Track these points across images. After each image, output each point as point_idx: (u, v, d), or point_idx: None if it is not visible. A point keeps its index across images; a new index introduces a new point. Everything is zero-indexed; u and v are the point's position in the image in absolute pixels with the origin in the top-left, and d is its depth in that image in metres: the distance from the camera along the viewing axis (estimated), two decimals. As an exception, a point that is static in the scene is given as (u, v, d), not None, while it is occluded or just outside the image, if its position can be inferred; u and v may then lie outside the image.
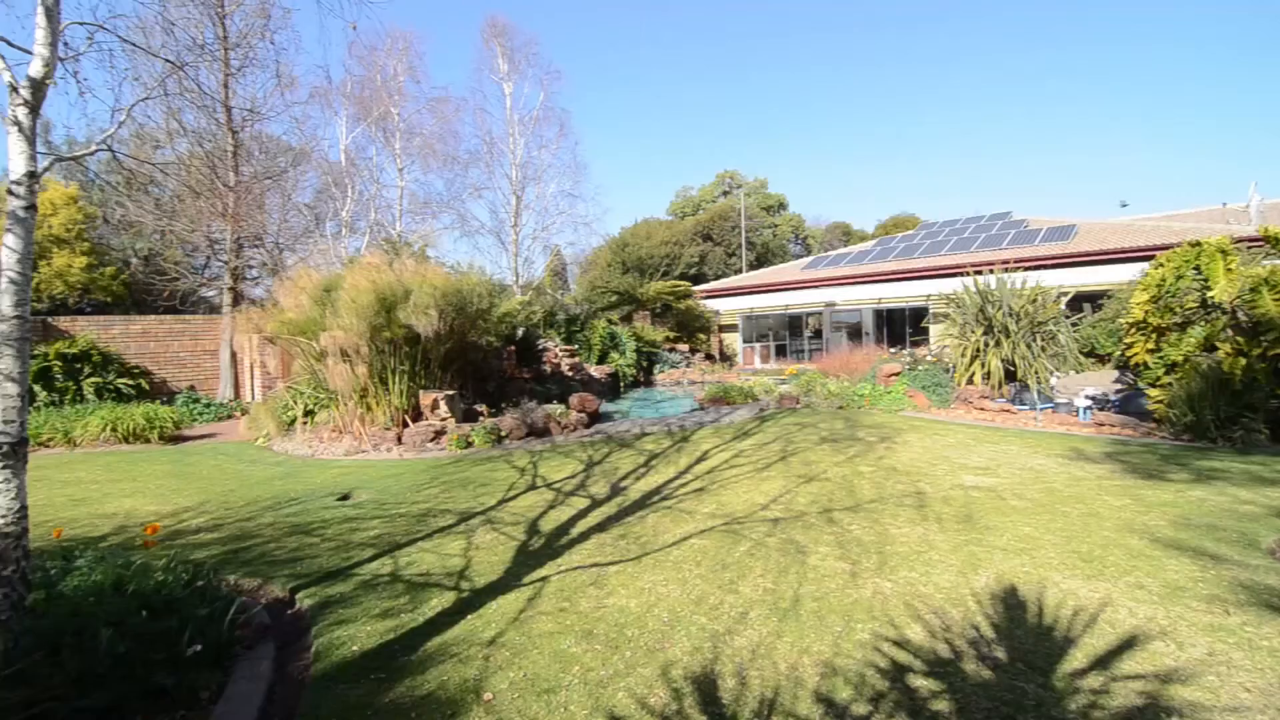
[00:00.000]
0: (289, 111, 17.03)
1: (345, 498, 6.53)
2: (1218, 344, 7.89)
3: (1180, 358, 8.11)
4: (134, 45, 4.20)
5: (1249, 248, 8.72)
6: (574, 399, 11.31)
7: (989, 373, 11.60)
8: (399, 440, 9.43)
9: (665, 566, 4.24)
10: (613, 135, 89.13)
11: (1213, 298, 8.00)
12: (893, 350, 18.34)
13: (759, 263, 46.29)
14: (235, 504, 6.34)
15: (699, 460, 7.65)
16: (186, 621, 2.92)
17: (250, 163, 16.23)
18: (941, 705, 2.59)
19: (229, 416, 13.71)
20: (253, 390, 14.98)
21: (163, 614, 2.93)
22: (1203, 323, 8.19)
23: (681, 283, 26.03)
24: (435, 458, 8.67)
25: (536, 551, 4.63)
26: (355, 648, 3.26)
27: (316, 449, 9.45)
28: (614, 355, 19.10)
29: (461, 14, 63.99)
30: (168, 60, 5.06)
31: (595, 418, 11.35)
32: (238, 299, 15.42)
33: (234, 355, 15.05)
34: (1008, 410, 10.41)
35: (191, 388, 15.07)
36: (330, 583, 4.13)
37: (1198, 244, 8.54)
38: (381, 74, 21.28)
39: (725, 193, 54.58)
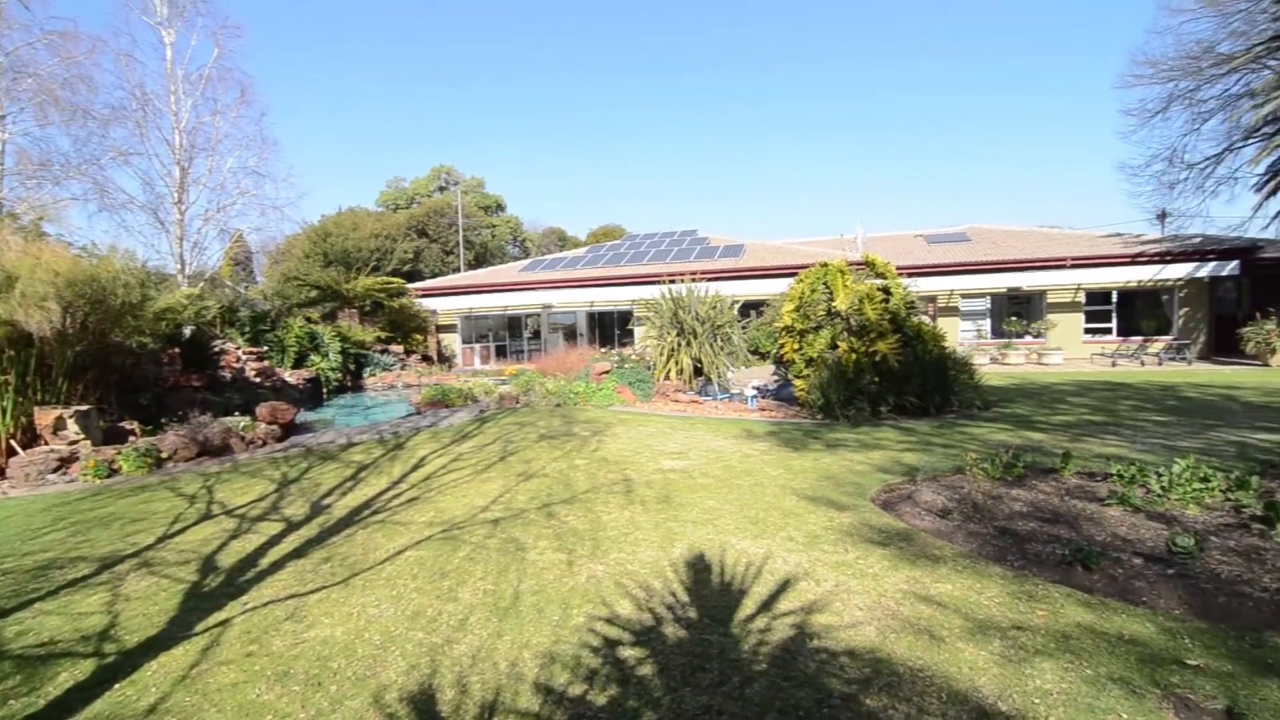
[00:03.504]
0: None
1: (-102, 561, 4.71)
2: (839, 343, 10.15)
3: (815, 354, 10.24)
4: None
5: (858, 269, 11.39)
6: (263, 409, 9.82)
7: (682, 369, 13.24)
8: (2, 474, 7.15)
9: (378, 585, 3.95)
10: (313, 113, 79.76)
11: (835, 307, 10.27)
12: (604, 350, 19.72)
13: (478, 262, 45.74)
14: None
15: (415, 468, 7.27)
16: None
17: None
18: (646, 669, 2.89)
19: None
20: None
21: None
22: (829, 327, 10.45)
23: (395, 279, 24.37)
24: (62, 492, 6.77)
25: (213, 592, 3.92)
26: (-79, 764, 2.39)
27: None
28: (315, 358, 17.05)
29: (91, -70, 50.62)
30: None
31: (291, 429, 10.03)
32: None
33: None
34: (696, 401, 12.00)
35: None
36: None
37: (826, 265, 10.88)
38: (-37, -15, 15.76)
39: (441, 188, 52.72)
